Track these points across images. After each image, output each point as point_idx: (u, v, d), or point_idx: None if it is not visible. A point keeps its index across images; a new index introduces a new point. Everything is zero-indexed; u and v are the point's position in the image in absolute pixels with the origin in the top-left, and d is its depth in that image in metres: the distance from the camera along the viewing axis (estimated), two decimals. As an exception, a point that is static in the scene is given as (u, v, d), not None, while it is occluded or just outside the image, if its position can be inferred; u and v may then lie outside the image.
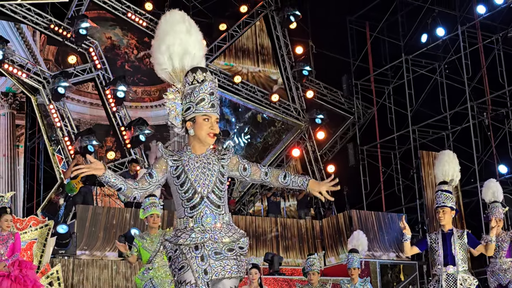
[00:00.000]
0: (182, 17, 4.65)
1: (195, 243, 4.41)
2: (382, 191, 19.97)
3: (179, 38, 4.54)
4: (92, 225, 13.40)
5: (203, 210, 4.48)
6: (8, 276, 8.86)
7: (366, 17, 20.94)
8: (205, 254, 4.41)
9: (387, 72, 20.73)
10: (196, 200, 4.48)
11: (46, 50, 17.52)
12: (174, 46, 4.53)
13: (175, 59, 4.55)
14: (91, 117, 17.66)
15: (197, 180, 4.49)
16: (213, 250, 4.43)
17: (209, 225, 4.46)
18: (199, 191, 4.48)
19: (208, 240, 4.43)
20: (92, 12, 17.85)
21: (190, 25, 4.62)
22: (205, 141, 4.54)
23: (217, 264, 4.42)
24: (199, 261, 4.40)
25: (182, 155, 4.55)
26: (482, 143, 18.14)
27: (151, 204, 8.54)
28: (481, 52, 18.66)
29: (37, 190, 16.90)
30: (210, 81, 4.52)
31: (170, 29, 4.57)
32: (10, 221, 9.22)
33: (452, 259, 7.53)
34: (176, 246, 4.45)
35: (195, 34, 4.61)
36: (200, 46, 4.62)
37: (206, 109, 4.50)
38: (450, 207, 7.63)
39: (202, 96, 4.49)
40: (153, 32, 17.74)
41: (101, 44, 17.58)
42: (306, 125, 19.90)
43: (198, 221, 4.46)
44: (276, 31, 20.24)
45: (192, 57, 4.55)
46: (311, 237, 16.10)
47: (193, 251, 4.41)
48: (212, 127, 4.51)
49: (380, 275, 15.03)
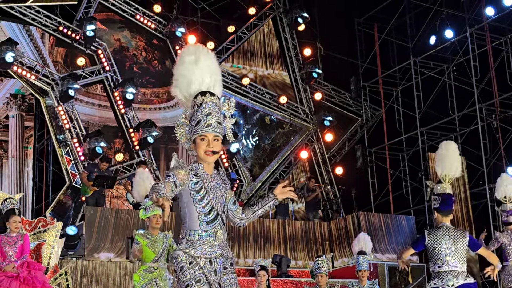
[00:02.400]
0: (193, 49, 4.91)
1: (210, 257, 4.72)
2: (390, 193, 19.94)
3: (186, 69, 4.83)
4: (100, 226, 13.43)
5: (217, 226, 4.80)
6: (17, 277, 8.88)
7: (374, 19, 20.93)
8: (217, 268, 4.75)
9: (395, 74, 20.71)
10: (212, 216, 4.79)
11: (55, 52, 17.57)
12: (181, 78, 4.85)
13: (182, 89, 4.86)
14: (99, 118, 17.70)
15: (215, 198, 4.80)
16: (222, 265, 4.79)
17: (220, 240, 4.80)
18: (216, 208, 4.79)
19: (220, 255, 4.76)
20: (101, 14, 17.90)
21: (200, 54, 4.86)
22: (204, 159, 4.80)
23: (225, 278, 4.77)
24: (213, 275, 4.72)
25: (198, 171, 4.79)
26: (491, 145, 18.09)
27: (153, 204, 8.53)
28: (490, 54, 18.62)
29: (45, 191, 16.95)
30: (208, 102, 4.78)
31: (180, 62, 4.88)
32: (19, 222, 9.25)
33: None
34: (191, 258, 4.70)
35: (203, 61, 4.84)
36: (210, 72, 4.87)
37: (201, 130, 4.75)
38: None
39: (199, 118, 4.77)
40: (162, 34, 17.76)
41: (109, 46, 17.62)
42: (314, 127, 19.89)
43: (212, 236, 4.77)
44: (284, 33, 20.24)
45: (198, 83, 4.82)
46: (319, 239, 16.09)
47: (208, 265, 4.71)
48: (209, 145, 4.77)
49: (388, 277, 15.02)
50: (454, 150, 8.27)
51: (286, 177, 19.43)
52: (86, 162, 15.81)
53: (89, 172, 14.45)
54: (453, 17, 19.14)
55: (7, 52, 15.26)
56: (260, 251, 15.18)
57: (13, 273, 8.90)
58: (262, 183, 19.17)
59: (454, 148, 8.29)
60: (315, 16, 20.58)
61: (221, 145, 4.86)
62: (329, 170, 19.88)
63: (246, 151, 19.35)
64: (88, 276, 12.14)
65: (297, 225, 16.05)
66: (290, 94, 19.93)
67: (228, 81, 19.02)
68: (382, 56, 21.09)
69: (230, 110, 4.94)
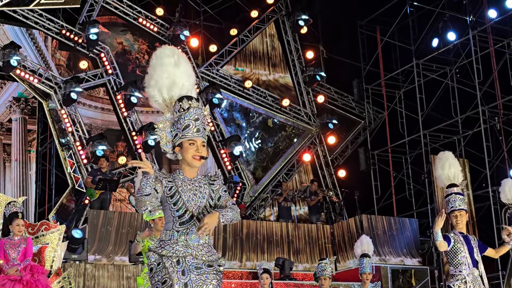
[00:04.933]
0: (171, 51, 4.93)
1: (177, 256, 4.67)
2: (393, 196, 19.92)
3: (167, 71, 4.84)
4: (103, 229, 13.44)
5: (191, 227, 4.76)
6: (20, 280, 8.89)
7: (377, 22, 20.93)
8: (186, 268, 4.67)
9: (398, 76, 20.69)
10: (186, 218, 4.77)
11: (58, 55, 17.58)
12: (162, 80, 4.84)
13: (163, 91, 4.86)
14: (102, 122, 17.71)
15: (189, 201, 4.79)
16: (194, 265, 4.70)
17: (193, 242, 4.74)
18: (190, 210, 4.77)
19: (190, 255, 4.69)
20: (104, 17, 17.92)
21: (179, 57, 4.90)
22: (192, 163, 4.82)
23: (198, 278, 4.69)
24: (180, 275, 4.65)
25: (175, 177, 4.83)
26: (494, 148, 18.06)
27: (158, 207, 8.53)
28: (492, 57, 18.60)
29: (48, 194, 16.96)
30: (195, 108, 4.83)
31: (158, 63, 4.88)
32: (22, 225, 9.27)
33: (476, 263, 7.52)
34: (159, 259, 4.69)
35: (183, 66, 4.89)
36: (189, 77, 4.92)
37: (191, 134, 4.80)
38: (465, 210, 7.59)
39: (188, 123, 4.81)
40: (164, 37, 17.78)
41: (112, 49, 17.64)
42: (317, 129, 19.89)
43: (183, 235, 4.73)
44: (286, 35, 20.26)
45: (180, 87, 4.86)
46: (322, 242, 16.08)
47: (175, 266, 4.66)
48: (197, 150, 4.81)
49: (391, 280, 14.99)
50: (445, 163, 8.17)
51: (289, 180, 19.42)
52: (89, 166, 15.82)
53: (92, 177, 14.46)
54: (455, 20, 19.12)
55: (12, 56, 15.31)
56: (263, 254, 15.17)
57: (16, 276, 8.91)
58: (265, 186, 19.16)
59: (447, 160, 8.18)
60: (317, 19, 20.59)
61: (206, 151, 4.90)
62: (332, 173, 19.87)
63: (248, 154, 19.34)
64: (91, 280, 12.14)
65: (300, 228, 16.04)
66: (292, 97, 19.94)
67: (231, 84, 19.03)
68: (385, 58, 21.09)
69: (205, 118, 4.97)
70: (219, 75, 18.95)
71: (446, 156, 8.12)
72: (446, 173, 7.94)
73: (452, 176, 7.93)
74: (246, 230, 15.25)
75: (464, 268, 7.47)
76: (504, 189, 10.21)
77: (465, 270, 7.46)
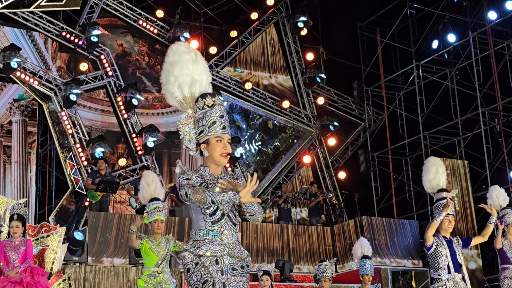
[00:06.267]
0: (187, 48, 4.90)
1: (215, 255, 4.66)
2: (393, 198, 19.92)
3: (187, 68, 4.80)
4: (103, 231, 13.43)
5: (224, 225, 4.75)
6: (20, 282, 8.90)
7: (377, 24, 20.93)
8: (224, 268, 4.69)
9: (398, 78, 20.70)
10: (218, 216, 4.74)
11: (58, 57, 17.59)
12: (182, 76, 4.80)
13: (184, 87, 4.82)
14: (102, 124, 17.71)
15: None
16: (230, 266, 4.72)
17: (227, 240, 4.74)
18: (221, 208, 4.73)
19: (227, 254, 4.70)
20: (104, 19, 17.93)
21: (196, 54, 4.89)
22: (219, 161, 4.81)
23: (232, 279, 4.70)
24: (219, 274, 4.66)
25: (202, 174, 4.80)
26: (494, 149, 18.07)
27: (155, 209, 8.56)
28: (492, 58, 18.61)
29: (49, 196, 16.96)
30: (220, 105, 4.83)
31: (177, 60, 4.83)
32: (16, 227, 9.23)
33: (459, 266, 7.54)
34: (197, 259, 4.67)
35: (202, 63, 4.88)
36: (207, 74, 4.91)
37: (218, 131, 4.78)
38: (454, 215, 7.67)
39: (214, 119, 4.78)
40: (164, 39, 17.79)
41: (112, 51, 17.65)
42: (317, 131, 19.90)
43: (218, 234, 4.72)
44: (286, 37, 20.27)
45: (200, 84, 4.84)
46: (322, 244, 16.07)
47: (214, 265, 4.66)
48: (224, 147, 4.79)
49: (392, 281, 14.99)
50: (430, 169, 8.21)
51: (289, 182, 19.43)
52: (89, 168, 15.82)
53: (92, 179, 14.45)
54: (455, 21, 19.14)
55: (12, 58, 15.32)
56: (263, 255, 15.17)
57: (17, 279, 8.91)
58: (265, 188, 19.17)
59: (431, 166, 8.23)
60: (317, 21, 20.59)
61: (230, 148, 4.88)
62: (332, 175, 19.88)
63: (249, 155, 19.35)
64: (91, 281, 12.14)
65: (300, 230, 16.04)
66: (292, 98, 19.94)
67: (231, 86, 19.04)
68: (385, 60, 21.09)
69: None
70: (219, 77, 18.96)
71: (435, 162, 8.18)
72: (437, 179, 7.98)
73: (440, 182, 7.99)
74: (246, 232, 15.24)
75: (443, 272, 7.50)
76: (491, 196, 10.27)
77: (444, 274, 7.49)
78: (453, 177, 17.10)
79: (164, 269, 8.48)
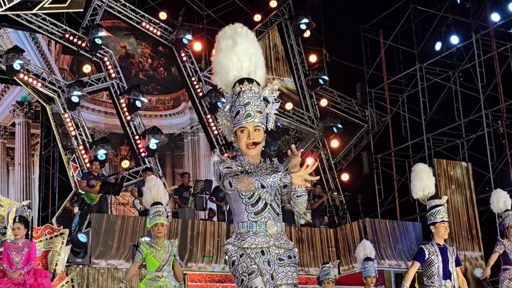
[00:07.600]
0: (229, 32, 4.66)
1: (261, 247, 4.50)
2: (397, 200, 19.91)
3: (224, 56, 4.58)
4: (106, 233, 13.43)
5: (267, 216, 4.58)
6: (24, 284, 8.91)
7: (380, 25, 20.94)
8: (271, 259, 4.52)
9: (401, 80, 20.70)
10: (260, 206, 4.57)
11: (61, 59, 17.62)
12: (218, 66, 4.60)
13: (222, 78, 4.61)
14: (105, 126, 17.73)
15: None
16: (277, 256, 4.54)
17: (271, 230, 4.56)
18: (264, 198, 4.56)
19: (272, 245, 4.54)
20: (107, 21, 17.94)
21: (237, 36, 4.61)
22: (247, 152, 4.59)
23: (280, 270, 4.53)
24: (266, 265, 4.50)
25: (242, 162, 4.59)
26: (497, 151, 18.06)
27: (156, 213, 8.54)
28: (496, 60, 18.61)
29: (52, 198, 16.98)
30: (246, 91, 4.54)
31: (218, 48, 4.62)
32: (17, 229, 9.23)
33: (449, 274, 7.54)
34: (241, 250, 4.51)
35: (241, 44, 4.59)
36: (248, 55, 4.59)
37: (240, 122, 4.52)
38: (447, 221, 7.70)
39: (238, 109, 4.54)
40: (167, 41, 17.75)
41: (115, 53, 17.66)
42: (320, 133, 19.89)
43: (262, 226, 4.55)
44: (289, 39, 20.27)
45: (238, 69, 4.57)
46: (326, 245, 16.05)
47: (260, 256, 4.50)
48: (249, 136, 4.54)
49: (395, 284, 14.97)
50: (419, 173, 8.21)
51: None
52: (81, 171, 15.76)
53: (86, 181, 14.30)
54: (458, 23, 19.14)
55: (15, 60, 15.34)
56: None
57: (20, 280, 8.92)
58: (268, 189, 19.13)
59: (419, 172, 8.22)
60: (320, 23, 20.59)
61: (263, 134, 4.59)
62: (335, 177, 19.86)
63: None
64: (94, 283, 12.15)
65: (303, 232, 16.03)
66: (295, 100, 19.94)
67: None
68: (388, 62, 21.09)
69: (273, 94, 4.65)
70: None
71: (425, 169, 8.17)
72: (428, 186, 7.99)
73: (431, 190, 8.01)
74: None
75: (437, 279, 7.51)
76: (492, 200, 10.31)
77: (437, 281, 7.51)
78: (456, 179, 17.09)
79: (166, 273, 8.46)
